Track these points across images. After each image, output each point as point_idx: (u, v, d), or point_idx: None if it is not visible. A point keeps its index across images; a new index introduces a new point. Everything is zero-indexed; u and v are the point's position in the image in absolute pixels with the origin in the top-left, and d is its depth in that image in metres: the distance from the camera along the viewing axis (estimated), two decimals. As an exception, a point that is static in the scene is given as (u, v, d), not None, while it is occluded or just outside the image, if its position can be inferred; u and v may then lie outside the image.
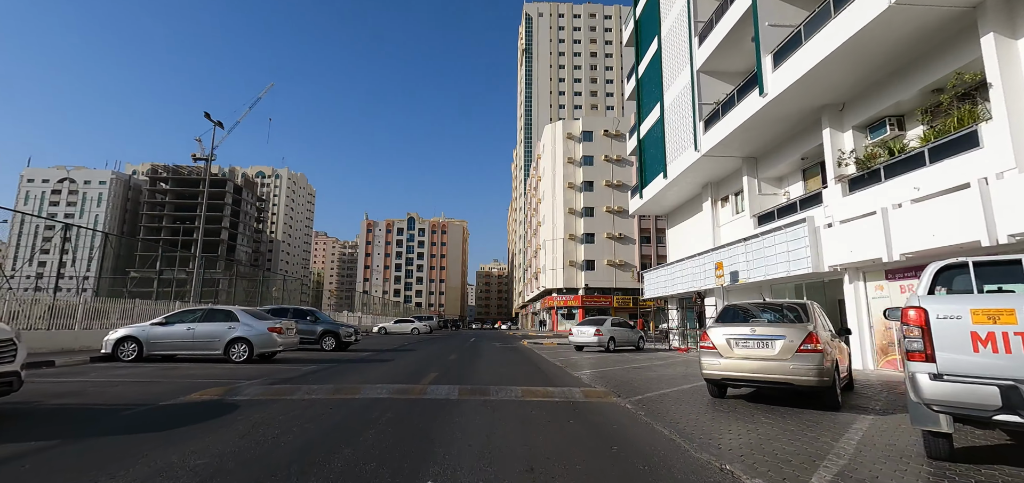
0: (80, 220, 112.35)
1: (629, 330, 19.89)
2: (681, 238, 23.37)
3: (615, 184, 56.36)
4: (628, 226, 55.67)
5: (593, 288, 54.58)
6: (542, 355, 17.38)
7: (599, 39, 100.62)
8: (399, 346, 22.67)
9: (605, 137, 57.62)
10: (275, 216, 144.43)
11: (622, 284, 54.54)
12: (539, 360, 15.32)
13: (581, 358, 16.02)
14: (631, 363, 14.07)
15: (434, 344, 24.50)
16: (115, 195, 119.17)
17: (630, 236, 55.39)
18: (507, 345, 24.78)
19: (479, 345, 24.60)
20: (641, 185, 23.33)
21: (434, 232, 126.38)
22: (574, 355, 17.07)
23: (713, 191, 19.62)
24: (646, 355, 17.16)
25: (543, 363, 14.35)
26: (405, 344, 24.74)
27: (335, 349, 16.95)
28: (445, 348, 21.22)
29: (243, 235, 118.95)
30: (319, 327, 16.97)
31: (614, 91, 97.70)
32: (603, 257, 54.78)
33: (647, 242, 55.38)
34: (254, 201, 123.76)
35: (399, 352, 17.90)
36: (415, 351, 18.63)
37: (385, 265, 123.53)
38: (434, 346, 22.68)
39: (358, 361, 13.95)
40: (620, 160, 57.13)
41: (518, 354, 18.05)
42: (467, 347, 22.54)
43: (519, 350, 20.56)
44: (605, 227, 55.38)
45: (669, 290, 22.31)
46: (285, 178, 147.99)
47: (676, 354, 17.65)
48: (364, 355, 16.00)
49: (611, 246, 55.04)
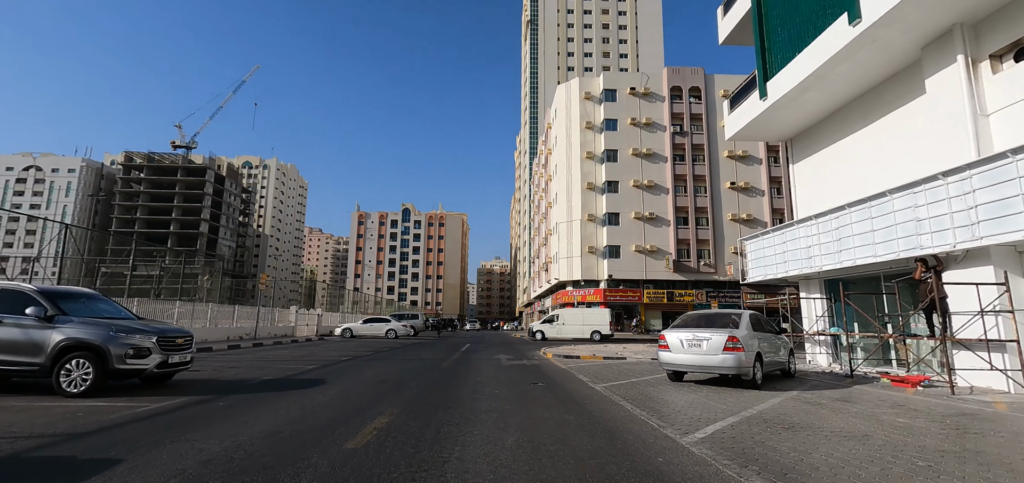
0: (47, 211, 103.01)
1: (774, 337, 10.03)
2: (839, 170, 13.26)
3: (644, 153, 46.22)
4: (661, 204, 45.53)
5: (618, 280, 44.54)
6: (601, 391, 8.20)
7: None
8: (332, 360, 12.84)
9: (631, 96, 47.51)
10: (263, 209, 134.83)
11: (654, 274, 44.45)
12: (607, 413, 5.42)
13: (697, 402, 6.02)
14: (868, 442, 3.92)
15: (398, 359, 14.53)
16: (86, 184, 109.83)
17: (664, 217, 45.26)
18: (518, 359, 14.82)
19: (474, 359, 14.65)
20: (766, 72, 13.18)
21: (431, 225, 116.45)
22: (665, 390, 8.49)
23: (970, 41, 9.32)
24: (831, 396, 7.71)
25: (624, 426, 4.43)
26: (357, 354, 14.96)
27: (95, 383, 6.81)
28: (410, 368, 11.43)
29: (226, 228, 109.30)
30: (55, 334, 6.81)
31: (628, 52, 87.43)
32: (630, 242, 44.71)
33: (684, 226, 45.18)
34: (238, 192, 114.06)
35: (302, 384, 8.48)
36: (340, 381, 9.07)
37: (378, 260, 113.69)
38: (392, 364, 12.77)
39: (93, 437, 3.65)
40: (650, 124, 46.99)
41: (548, 387, 8.64)
42: (451, 364, 12.63)
43: (544, 373, 10.80)
44: (632, 205, 45.31)
45: (813, 264, 12.25)
46: (274, 169, 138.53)
47: (893, 393, 7.87)
48: (176, 405, 6.04)
49: (639, 228, 44.95)
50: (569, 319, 29.47)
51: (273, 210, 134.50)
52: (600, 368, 12.26)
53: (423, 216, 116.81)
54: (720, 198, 45.92)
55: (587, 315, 29.60)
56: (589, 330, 28.45)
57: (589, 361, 14.23)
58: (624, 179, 45.73)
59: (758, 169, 46.53)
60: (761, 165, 46.53)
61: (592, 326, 28.51)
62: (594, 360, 14.46)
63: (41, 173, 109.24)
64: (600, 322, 28.23)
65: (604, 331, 27.38)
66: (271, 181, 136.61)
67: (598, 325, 28.18)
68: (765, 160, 46.44)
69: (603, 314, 28.42)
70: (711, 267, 44.68)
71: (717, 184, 46.13)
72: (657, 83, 47.95)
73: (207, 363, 11.87)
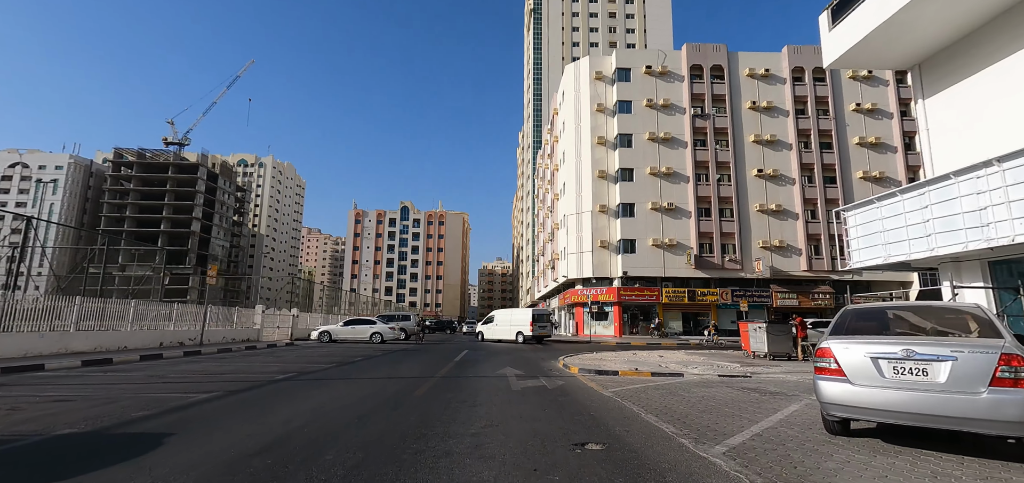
0: (33, 210, 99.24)
1: None
2: (1005, 104, 8.86)
3: (662, 137, 41.85)
4: (681, 194, 41.11)
5: (633, 278, 40.17)
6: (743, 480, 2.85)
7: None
8: (251, 382, 8.43)
9: (647, 76, 43.17)
10: (258, 208, 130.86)
11: (673, 272, 40.05)
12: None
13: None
14: None
15: (358, 379, 10.19)
16: (74, 182, 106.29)
17: (684, 207, 40.86)
18: (533, 378, 10.41)
19: (470, 377, 10.26)
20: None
21: (430, 223, 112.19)
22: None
23: None
24: None
25: None
26: (306, 370, 10.66)
27: None
28: (364, 398, 6.88)
29: (219, 227, 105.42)
30: None
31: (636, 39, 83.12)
32: (647, 235, 40.34)
33: (706, 217, 40.81)
34: (232, 190, 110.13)
35: (106, 453, 3.45)
36: (194, 442, 4.26)
37: (376, 260, 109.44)
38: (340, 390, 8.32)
39: None
40: (668, 106, 42.62)
41: (614, 459, 3.63)
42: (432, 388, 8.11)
43: (584, 410, 6.20)
44: (649, 195, 40.95)
45: (992, 234, 7.81)
46: (270, 167, 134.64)
47: None
48: None
49: (657, 220, 40.58)
50: (500, 319, 29.94)
51: (269, 209, 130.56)
52: (667, 397, 7.92)
53: (422, 214, 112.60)
54: (746, 187, 41.50)
55: (514, 315, 29.54)
56: (514, 331, 28.54)
57: (637, 381, 9.91)
58: (640, 166, 41.38)
59: (788, 155, 42.13)
60: (791, 150, 42.12)
61: (516, 327, 28.49)
62: (641, 378, 10.14)
63: (27, 170, 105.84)
64: (522, 323, 28.07)
65: (526, 333, 27.25)
66: (267, 179, 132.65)
67: (520, 326, 28.09)
68: (796, 146, 42.03)
69: (525, 314, 28.34)
70: (737, 263, 40.25)
71: (742, 171, 41.73)
72: (675, 61, 43.60)
73: (32, 390, 7.64)
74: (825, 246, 40.47)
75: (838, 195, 41.23)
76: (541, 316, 28.74)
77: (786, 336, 15.92)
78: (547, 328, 28.75)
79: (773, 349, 15.71)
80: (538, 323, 27.82)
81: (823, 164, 41.93)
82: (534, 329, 27.49)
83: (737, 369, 11.82)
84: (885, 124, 42.81)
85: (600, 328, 39.55)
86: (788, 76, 43.07)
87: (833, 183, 41.78)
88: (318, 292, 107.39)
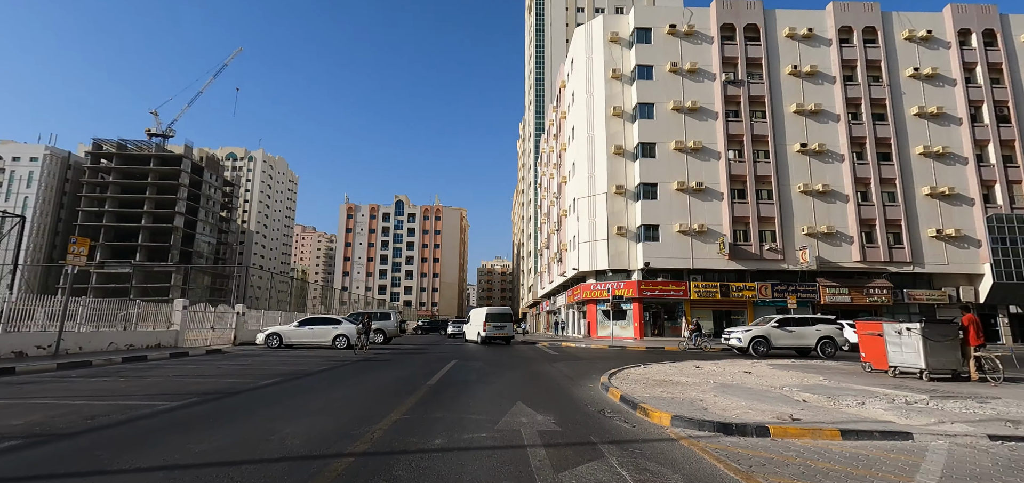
0: (6, 204, 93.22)
1: None
2: None
3: (689, 107, 35.95)
4: (711, 172, 35.20)
5: (656, 270, 34.30)
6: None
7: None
8: None
9: (671, 36, 37.26)
10: (248, 204, 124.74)
11: (702, 264, 34.16)
12: None
13: None
14: None
15: (218, 435, 3.86)
16: (50, 175, 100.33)
17: (715, 188, 34.97)
18: (578, 438, 3.96)
19: (430, 452, 3.81)
20: None
21: (427, 219, 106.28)
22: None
23: None
24: None
25: None
26: (134, 417, 4.19)
27: None
28: None
29: (205, 223, 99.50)
30: None
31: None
32: (672, 221, 34.45)
33: (741, 200, 34.87)
34: (219, 184, 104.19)
35: None
36: None
37: (368, 257, 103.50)
38: None
39: None
40: (695, 71, 36.70)
41: None
42: None
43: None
44: (674, 174, 35.08)
45: None
46: (260, 161, 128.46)
47: None
48: None
49: (683, 203, 34.70)
50: (474, 319, 29.12)
51: (259, 205, 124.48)
52: None
53: (418, 209, 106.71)
54: (787, 164, 35.59)
55: (475, 316, 28.77)
56: (474, 332, 28.03)
57: (826, 451, 4.06)
58: (663, 140, 35.48)
59: (835, 128, 36.24)
60: (839, 122, 36.24)
61: (475, 328, 27.76)
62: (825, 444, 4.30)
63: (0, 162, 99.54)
64: (478, 323, 27.18)
65: (482, 333, 26.02)
66: (256, 174, 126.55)
67: (478, 326, 27.04)
68: (844, 117, 36.15)
69: (480, 313, 27.40)
70: (777, 253, 34.37)
71: (782, 146, 35.82)
72: (703, 20, 37.68)
73: None
74: (880, 232, 34.57)
75: (894, 174, 35.33)
76: (498, 315, 26.12)
77: (951, 343, 10.09)
78: (506, 328, 25.89)
79: (934, 364, 9.89)
80: (493, 322, 25.86)
81: (876, 138, 36.00)
82: (487, 329, 25.72)
83: (950, 410, 5.99)
84: (948, 92, 36.89)
85: (618, 329, 33.66)
86: (834, 37, 37.17)
87: (888, 160, 35.87)
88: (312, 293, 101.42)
